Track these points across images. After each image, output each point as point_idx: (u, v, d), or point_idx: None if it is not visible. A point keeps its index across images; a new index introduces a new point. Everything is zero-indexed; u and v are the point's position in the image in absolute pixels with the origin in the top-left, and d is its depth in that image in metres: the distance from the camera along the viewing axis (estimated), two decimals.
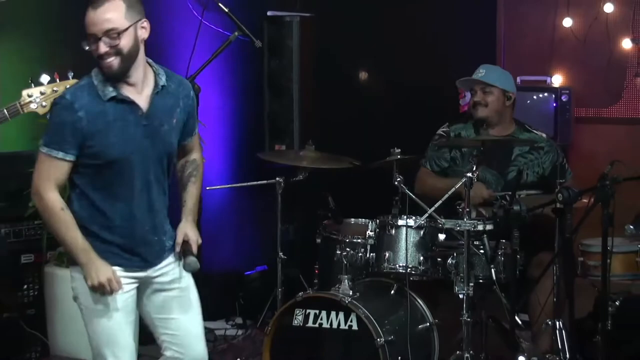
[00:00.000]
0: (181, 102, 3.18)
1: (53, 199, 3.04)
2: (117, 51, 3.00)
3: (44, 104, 3.68)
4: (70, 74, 3.66)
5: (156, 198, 3.18)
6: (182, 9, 5.60)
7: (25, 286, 4.69)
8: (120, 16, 3.00)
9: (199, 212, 4.83)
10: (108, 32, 2.98)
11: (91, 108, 3.02)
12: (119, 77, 3.05)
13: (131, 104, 3.06)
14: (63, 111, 3.04)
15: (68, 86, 3.59)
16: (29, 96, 3.67)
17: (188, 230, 3.28)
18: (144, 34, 3.08)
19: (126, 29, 3.00)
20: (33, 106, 3.67)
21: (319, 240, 4.60)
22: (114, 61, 3.01)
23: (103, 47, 2.99)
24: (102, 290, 3.05)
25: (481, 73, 4.70)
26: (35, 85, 3.69)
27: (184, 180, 3.40)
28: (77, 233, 3.05)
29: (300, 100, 5.61)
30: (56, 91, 3.67)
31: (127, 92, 3.07)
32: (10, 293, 4.64)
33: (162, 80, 3.12)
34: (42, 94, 3.68)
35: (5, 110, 3.56)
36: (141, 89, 3.09)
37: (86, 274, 3.06)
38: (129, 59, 3.03)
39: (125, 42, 3.01)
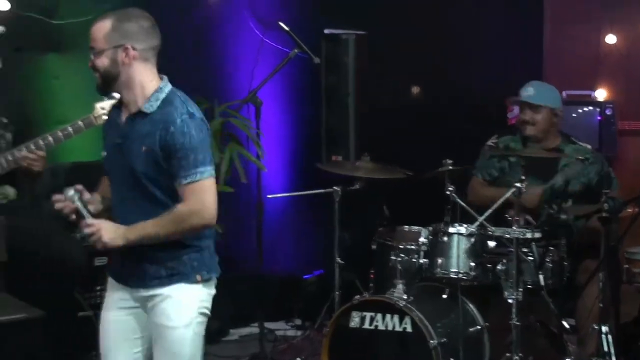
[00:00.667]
0: (158, 133, 2.97)
1: None
2: (95, 68, 3.05)
3: None
4: None
5: (133, 219, 3.01)
6: (245, 28, 5.80)
7: (99, 287, 4.81)
8: (100, 37, 3.01)
9: (260, 220, 5.12)
10: (91, 49, 3.05)
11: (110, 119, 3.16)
12: (101, 93, 3.11)
13: (117, 121, 3.13)
14: None
15: None
16: (102, 109, 3.75)
17: (105, 223, 3.02)
18: (125, 59, 3.01)
19: (101, 51, 3.01)
20: (105, 118, 3.84)
21: (374, 247, 4.70)
22: (96, 76, 3.07)
23: (89, 61, 3.06)
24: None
25: (530, 92, 4.74)
26: (108, 99, 3.79)
27: None
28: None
29: (356, 113, 5.73)
30: None
31: (123, 110, 3.12)
32: (86, 293, 4.83)
33: (149, 107, 3.03)
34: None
35: (80, 122, 3.56)
36: (130, 109, 3.09)
37: None
38: (106, 79, 3.05)
39: (100, 63, 3.02)
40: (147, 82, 3.06)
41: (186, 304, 3.07)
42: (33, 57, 5.08)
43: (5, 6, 4.75)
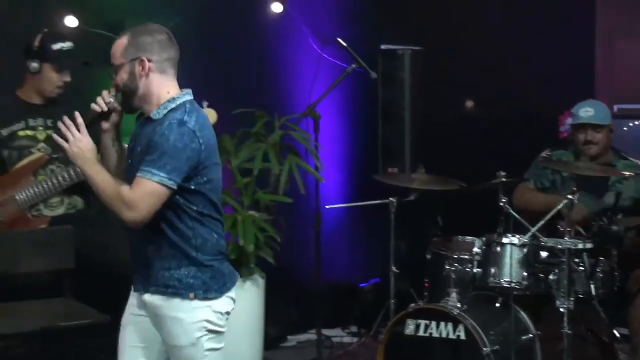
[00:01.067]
0: (154, 135, 3.01)
1: None
2: (117, 86, 3.11)
3: None
4: (205, 103, 4.11)
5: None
6: (304, 44, 5.92)
7: None
8: (118, 53, 3.09)
9: (318, 230, 5.25)
10: (112, 67, 3.13)
11: None
12: (125, 110, 3.16)
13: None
14: None
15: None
16: None
17: (86, 140, 3.11)
18: (141, 71, 3.05)
19: (120, 65, 3.08)
20: None
21: (428, 256, 4.81)
22: (119, 95, 3.13)
23: (113, 80, 3.14)
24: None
25: (591, 113, 4.77)
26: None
27: None
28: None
29: (411, 127, 5.84)
30: None
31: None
32: None
33: (156, 114, 3.07)
34: None
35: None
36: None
37: None
38: (126, 94, 3.09)
39: (119, 78, 3.08)
40: (164, 93, 3.09)
41: (188, 323, 3.04)
42: (99, 71, 5.19)
43: (73, 23, 4.97)
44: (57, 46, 4.38)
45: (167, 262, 3.05)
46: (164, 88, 3.10)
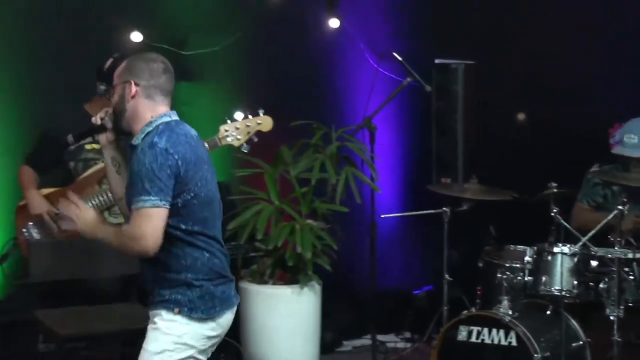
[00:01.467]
0: (133, 164, 3.13)
1: None
2: (112, 107, 3.29)
3: (238, 137, 4.20)
4: (261, 111, 4.29)
5: None
6: (361, 58, 6.12)
7: None
8: (115, 75, 3.27)
9: (374, 238, 5.38)
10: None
11: None
12: (115, 130, 3.30)
13: None
14: None
15: (259, 122, 4.25)
16: (226, 131, 4.20)
17: (88, 211, 3.29)
18: (129, 93, 3.18)
19: (114, 86, 3.26)
20: (229, 139, 4.20)
21: (481, 265, 4.91)
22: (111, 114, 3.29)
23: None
24: None
25: (635, 141, 4.79)
26: (231, 121, 4.23)
27: None
28: None
29: (464, 138, 5.93)
30: (249, 126, 4.22)
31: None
32: None
33: (135, 140, 3.16)
34: (237, 128, 4.21)
35: (205, 144, 3.86)
36: None
37: None
38: (116, 114, 3.24)
39: (113, 98, 3.25)
40: (147, 117, 3.17)
41: (163, 333, 3.10)
42: None
43: (139, 38, 5.24)
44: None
45: (161, 282, 3.14)
46: (148, 112, 3.19)
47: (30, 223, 4.63)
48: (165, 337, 3.11)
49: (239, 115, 4.24)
